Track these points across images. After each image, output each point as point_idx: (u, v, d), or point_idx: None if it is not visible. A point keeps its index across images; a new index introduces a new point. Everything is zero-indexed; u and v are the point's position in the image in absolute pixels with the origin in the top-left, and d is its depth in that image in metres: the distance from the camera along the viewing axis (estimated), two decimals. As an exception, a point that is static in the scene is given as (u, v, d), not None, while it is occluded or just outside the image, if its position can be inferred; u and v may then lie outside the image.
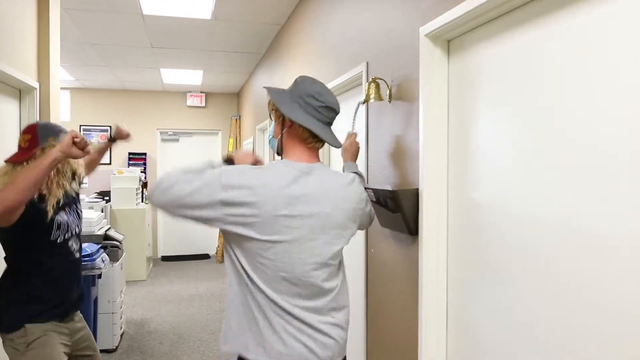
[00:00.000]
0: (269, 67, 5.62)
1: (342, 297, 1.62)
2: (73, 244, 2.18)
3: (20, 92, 3.15)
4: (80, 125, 8.17)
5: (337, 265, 1.60)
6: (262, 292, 1.49)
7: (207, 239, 8.80)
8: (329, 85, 3.05)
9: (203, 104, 8.68)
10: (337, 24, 3.05)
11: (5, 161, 2.01)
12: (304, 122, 1.55)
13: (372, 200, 2.04)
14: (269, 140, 1.77)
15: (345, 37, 2.89)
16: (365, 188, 2.04)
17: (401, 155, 2.15)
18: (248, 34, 5.09)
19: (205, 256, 8.72)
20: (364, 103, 2.20)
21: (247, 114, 7.47)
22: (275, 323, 1.49)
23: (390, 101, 2.22)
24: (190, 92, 8.57)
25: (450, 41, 1.89)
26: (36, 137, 2.00)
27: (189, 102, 8.61)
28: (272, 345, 1.48)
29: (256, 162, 1.77)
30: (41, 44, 3.26)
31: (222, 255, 8.32)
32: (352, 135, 2.08)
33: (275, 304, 1.49)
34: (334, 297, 1.59)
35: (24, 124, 3.16)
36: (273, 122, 1.70)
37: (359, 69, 2.61)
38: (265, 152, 6.09)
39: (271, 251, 1.47)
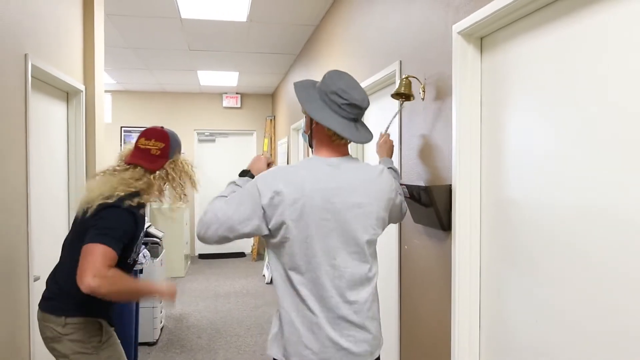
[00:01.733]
0: (303, 67, 5.69)
1: (376, 289, 1.66)
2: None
3: (67, 94, 3.31)
4: (121, 127, 8.44)
5: (373, 254, 1.64)
6: (299, 292, 1.54)
7: (242, 237, 8.94)
8: (363, 84, 3.09)
9: (238, 105, 8.83)
10: (371, 23, 3.08)
11: (130, 162, 1.94)
12: (327, 122, 1.57)
13: (405, 197, 2.07)
14: (302, 134, 1.83)
15: (379, 36, 2.92)
16: (401, 184, 2.07)
17: (434, 152, 2.17)
18: (283, 35, 5.17)
19: (241, 254, 8.87)
20: (401, 104, 2.23)
21: (282, 114, 7.56)
22: (314, 323, 1.53)
23: (423, 99, 2.24)
24: (226, 93, 8.73)
25: (483, 38, 1.90)
26: (169, 147, 1.98)
27: (225, 103, 8.77)
28: (311, 346, 1.52)
29: (269, 164, 1.86)
30: (87, 48, 3.41)
31: (257, 254, 8.45)
32: (384, 135, 2.13)
33: (315, 302, 1.53)
34: (374, 289, 1.63)
35: (71, 126, 3.32)
36: (304, 117, 1.75)
37: (392, 67, 2.63)
38: (299, 150, 6.17)
39: (310, 246, 1.52)
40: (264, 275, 7.11)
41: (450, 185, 1.97)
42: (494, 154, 1.84)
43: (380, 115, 2.85)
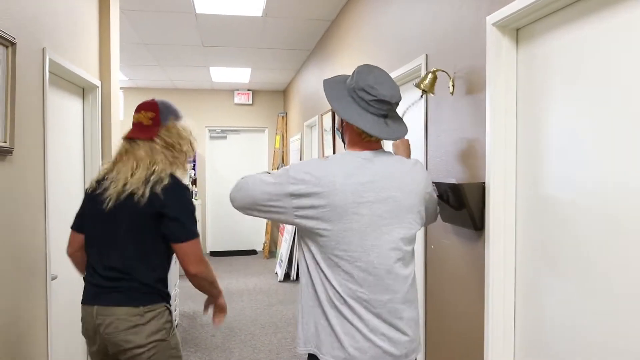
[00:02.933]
0: (317, 64, 5.62)
1: (414, 289, 1.60)
2: None
3: (83, 90, 3.27)
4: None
5: (411, 251, 1.59)
6: (336, 290, 1.49)
7: (254, 235, 8.91)
8: (384, 79, 3.01)
9: (250, 102, 8.78)
10: (392, 16, 3.01)
11: (126, 138, 1.94)
12: (354, 120, 1.54)
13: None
14: (336, 131, 1.77)
15: (402, 30, 2.84)
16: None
17: (464, 149, 2.09)
18: (297, 30, 5.11)
19: (253, 252, 8.83)
20: (422, 96, 2.15)
21: (294, 111, 7.51)
22: (349, 323, 1.48)
23: (452, 93, 2.16)
24: (237, 90, 8.69)
25: (519, 30, 1.83)
26: (159, 115, 1.93)
27: (237, 99, 8.73)
28: (347, 345, 1.47)
29: None
30: (102, 44, 3.37)
31: (269, 251, 8.41)
32: None
33: (351, 301, 1.49)
34: (410, 287, 1.56)
35: (87, 121, 3.27)
36: None
37: (417, 61, 2.56)
38: (312, 147, 6.10)
39: (344, 241, 1.48)
40: (276, 273, 7.07)
41: (484, 183, 1.90)
42: (531, 150, 1.76)
43: (407, 114, 2.77)
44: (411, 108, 2.20)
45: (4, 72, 1.92)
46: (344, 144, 1.67)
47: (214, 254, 8.70)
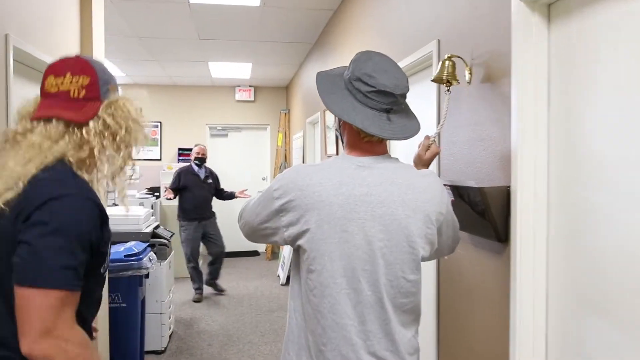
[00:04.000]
0: (320, 57, 5.35)
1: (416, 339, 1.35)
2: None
3: (63, 84, 3.00)
4: (131, 121, 8.18)
5: (416, 284, 1.30)
6: (318, 320, 1.26)
7: (256, 235, 8.66)
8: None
9: (252, 99, 8.53)
10: (399, 1, 2.72)
11: (39, 117, 1.20)
12: (347, 115, 1.28)
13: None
14: (335, 131, 1.50)
15: (410, 15, 2.56)
16: (444, 184, 1.72)
17: (484, 146, 1.81)
18: (298, 21, 4.83)
19: (255, 253, 8.57)
20: (447, 91, 1.84)
21: (297, 108, 7.25)
22: (323, 353, 1.26)
23: (469, 82, 1.88)
24: (239, 86, 8.43)
25: (552, 5, 1.54)
26: (97, 82, 1.24)
27: (238, 96, 8.48)
28: None
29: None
30: (84, 34, 3.10)
31: (272, 253, 8.15)
32: (429, 140, 1.65)
33: (331, 330, 1.25)
34: (411, 338, 1.32)
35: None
36: None
37: (427, 48, 2.28)
38: (316, 145, 5.84)
39: (331, 264, 1.23)
40: (278, 276, 6.81)
41: (508, 187, 1.62)
42: (567, 148, 1.47)
43: (413, 104, 2.47)
44: (444, 119, 1.85)
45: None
46: (343, 146, 1.41)
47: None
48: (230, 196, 5.93)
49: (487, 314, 1.82)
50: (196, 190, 5.75)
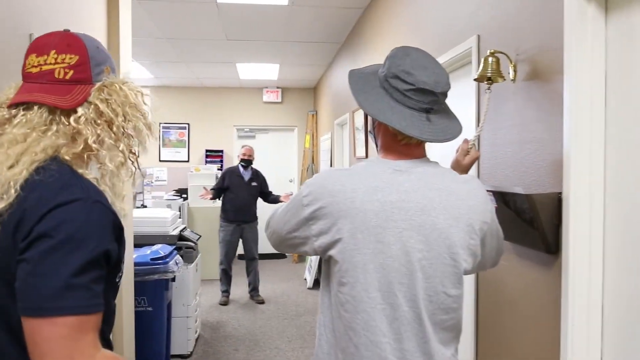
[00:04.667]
0: (349, 57, 5.24)
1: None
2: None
3: (90, 86, 2.97)
4: (160, 123, 8.22)
5: (457, 303, 1.18)
6: (350, 338, 1.16)
7: (283, 237, 8.60)
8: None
9: (279, 100, 8.48)
10: (434, -4, 2.60)
11: (17, 103, 1.01)
12: (384, 116, 1.17)
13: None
14: (369, 133, 1.39)
15: (446, 10, 2.43)
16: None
17: (531, 149, 1.67)
18: (327, 20, 4.73)
19: (282, 255, 8.50)
20: (488, 90, 1.71)
21: (324, 109, 7.15)
22: None
23: (514, 80, 1.74)
24: (266, 87, 8.39)
25: (610, -6, 1.40)
26: (88, 60, 1.03)
27: (265, 98, 8.44)
28: None
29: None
30: (111, 36, 3.06)
31: (299, 256, 8.07)
32: (468, 145, 1.51)
33: (366, 349, 1.14)
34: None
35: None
36: None
37: (466, 45, 2.15)
38: (344, 146, 5.72)
39: (365, 277, 1.13)
40: (305, 279, 6.72)
41: (559, 194, 1.48)
42: (626, 152, 1.33)
43: (450, 105, 2.34)
44: (484, 120, 1.71)
45: (-28, 60, 1.60)
46: (377, 148, 1.31)
47: (241, 257, 8.40)
48: (275, 200, 5.77)
49: (533, 331, 1.68)
50: (238, 191, 5.65)
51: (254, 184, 5.72)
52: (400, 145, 1.22)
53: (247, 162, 5.77)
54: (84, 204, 0.93)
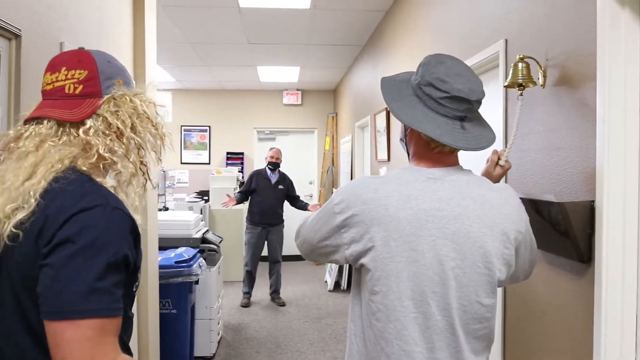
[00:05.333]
0: (370, 60, 5.22)
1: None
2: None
3: (116, 91, 3.02)
4: (181, 126, 8.31)
5: (490, 313, 1.17)
6: (382, 348, 1.15)
7: (303, 239, 8.60)
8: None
9: (299, 102, 8.49)
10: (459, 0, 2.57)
11: (32, 118, 1.06)
12: (418, 124, 1.17)
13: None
14: (400, 141, 1.38)
15: (472, 13, 2.41)
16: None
17: (561, 156, 1.65)
18: (348, 23, 4.73)
19: (302, 257, 8.51)
20: (521, 94, 1.68)
21: (345, 111, 7.14)
22: None
23: (543, 85, 1.72)
24: (286, 90, 8.42)
25: (645, -2, 1.37)
26: (97, 75, 1.08)
27: (285, 100, 8.46)
28: None
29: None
30: (137, 41, 3.11)
31: (319, 257, 8.06)
32: (500, 155, 1.46)
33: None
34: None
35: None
36: None
37: (492, 49, 2.12)
38: (365, 150, 5.71)
39: (398, 286, 1.13)
40: (325, 282, 6.72)
41: (592, 202, 1.45)
42: (664, 160, 1.30)
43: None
44: (516, 128, 1.65)
45: (7, 70, 1.65)
46: (409, 157, 1.30)
47: (262, 258, 8.45)
48: (303, 207, 5.77)
49: (564, 342, 1.65)
50: (265, 194, 5.64)
51: (280, 187, 5.70)
52: (434, 153, 1.21)
53: (274, 165, 5.73)
54: (104, 210, 0.96)
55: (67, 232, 0.91)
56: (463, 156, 1.29)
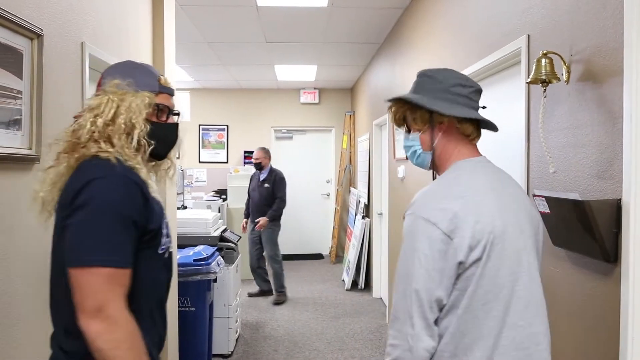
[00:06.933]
0: (388, 58, 5.19)
1: None
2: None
3: (136, 90, 3.04)
4: (199, 125, 8.36)
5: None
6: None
7: (320, 239, 8.59)
8: (471, 69, 2.55)
9: (316, 101, 8.48)
10: (479, -5, 2.54)
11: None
12: (468, 114, 1.28)
13: (541, 212, 1.55)
14: (414, 157, 1.36)
15: (493, 9, 2.37)
16: (534, 195, 1.56)
17: (586, 153, 1.61)
18: (366, 21, 4.70)
19: (319, 256, 8.51)
20: (544, 91, 1.66)
21: (362, 110, 7.11)
22: None
23: (567, 81, 1.68)
24: (303, 88, 8.41)
25: (675, -10, 1.33)
26: (102, 79, 1.36)
27: (303, 99, 8.45)
28: None
29: None
30: (156, 41, 3.13)
31: (336, 256, 8.06)
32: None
33: None
34: None
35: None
36: (411, 135, 1.34)
37: (515, 45, 2.08)
38: (382, 147, 5.67)
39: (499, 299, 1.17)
40: (343, 281, 6.70)
41: (619, 200, 1.42)
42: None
43: (496, 107, 2.27)
44: (542, 119, 1.71)
45: (29, 69, 1.67)
46: (433, 165, 1.34)
47: (288, 257, 8.48)
48: (272, 216, 5.78)
49: (588, 342, 1.62)
50: (253, 193, 5.97)
51: (266, 185, 5.85)
52: (472, 143, 1.31)
53: (256, 165, 5.94)
54: (112, 179, 1.15)
55: (81, 199, 1.11)
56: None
